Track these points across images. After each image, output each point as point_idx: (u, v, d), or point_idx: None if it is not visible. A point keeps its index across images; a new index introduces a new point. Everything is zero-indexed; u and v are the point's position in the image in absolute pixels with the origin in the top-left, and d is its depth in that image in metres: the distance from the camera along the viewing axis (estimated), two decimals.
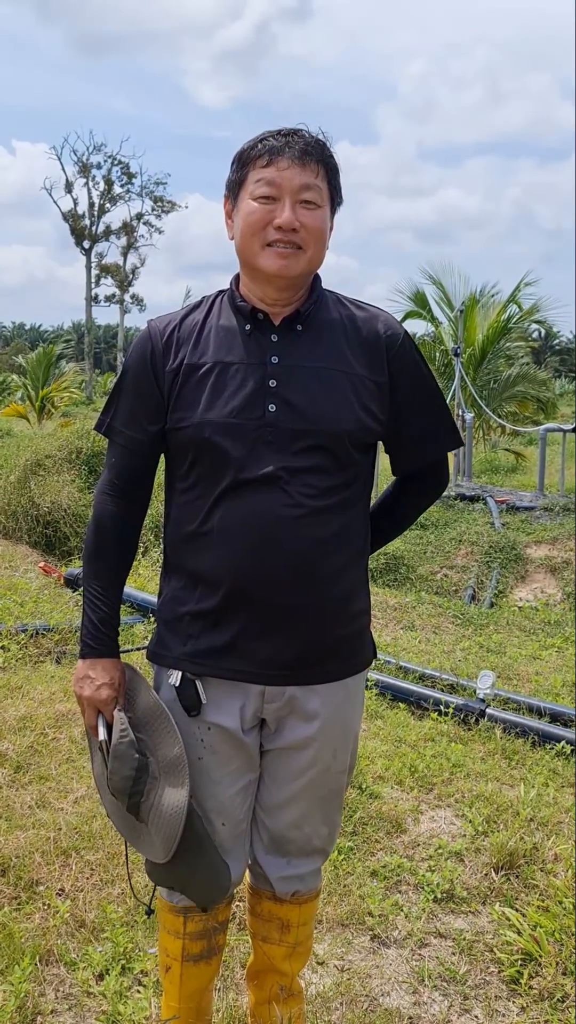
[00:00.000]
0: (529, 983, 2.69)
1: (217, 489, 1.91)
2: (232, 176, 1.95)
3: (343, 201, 1.99)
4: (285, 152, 1.87)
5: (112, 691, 2.01)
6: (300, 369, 1.93)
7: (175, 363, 1.94)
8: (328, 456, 1.93)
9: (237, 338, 1.94)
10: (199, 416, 1.89)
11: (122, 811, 2.06)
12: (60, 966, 2.70)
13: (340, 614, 2.00)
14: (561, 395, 33.30)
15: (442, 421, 2.13)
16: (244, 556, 1.90)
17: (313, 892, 2.21)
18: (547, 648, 6.51)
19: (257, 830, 2.13)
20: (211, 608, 1.94)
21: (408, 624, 6.90)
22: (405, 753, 4.24)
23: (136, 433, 1.99)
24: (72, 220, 47.89)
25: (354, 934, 2.92)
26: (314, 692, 2.00)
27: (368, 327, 2.02)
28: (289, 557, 1.90)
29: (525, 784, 3.97)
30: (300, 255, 1.89)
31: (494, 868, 3.28)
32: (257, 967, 2.27)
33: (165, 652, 2.02)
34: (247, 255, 1.92)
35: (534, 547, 9.52)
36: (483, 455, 19.08)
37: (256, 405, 1.89)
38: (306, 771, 2.05)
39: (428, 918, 3.02)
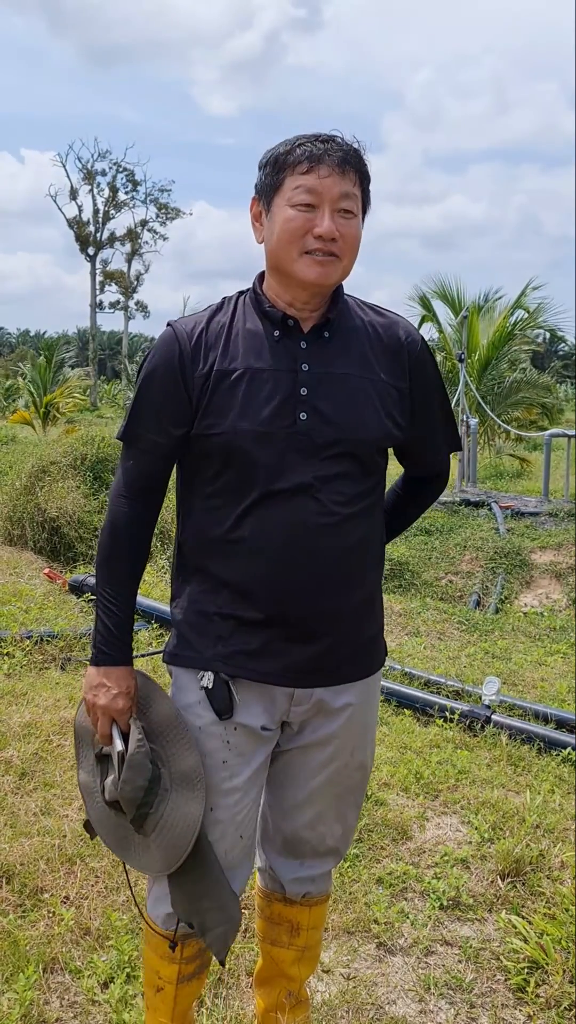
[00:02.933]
0: (536, 991, 2.68)
1: (248, 497, 1.90)
2: (266, 180, 1.92)
3: (371, 208, 1.98)
4: (325, 160, 1.85)
5: (128, 700, 1.98)
6: (330, 377, 1.93)
7: (205, 368, 1.91)
8: (356, 463, 1.94)
9: (266, 344, 1.93)
10: (232, 423, 1.87)
11: (114, 822, 2.03)
12: (65, 974, 2.69)
13: (366, 615, 2.05)
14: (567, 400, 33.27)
15: (451, 425, 2.18)
16: (279, 565, 1.90)
17: (324, 895, 2.21)
18: (552, 654, 6.49)
19: (269, 834, 2.14)
20: (242, 613, 1.94)
21: (413, 630, 6.89)
22: (411, 760, 4.23)
23: (159, 437, 1.95)
24: (77, 227, 48.01)
25: (360, 942, 2.91)
26: (340, 691, 2.02)
27: (389, 333, 2.03)
28: (323, 565, 1.92)
29: (531, 791, 3.96)
30: (337, 264, 1.89)
31: (500, 875, 3.27)
32: (265, 973, 2.27)
33: (192, 653, 2.00)
34: (282, 261, 1.90)
35: (539, 553, 9.50)
36: (488, 460, 19.07)
37: (287, 413, 1.89)
38: (324, 768, 2.06)
39: (434, 926, 3.01)
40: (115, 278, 50.01)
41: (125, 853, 2.05)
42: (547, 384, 21.99)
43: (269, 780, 2.12)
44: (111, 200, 48.56)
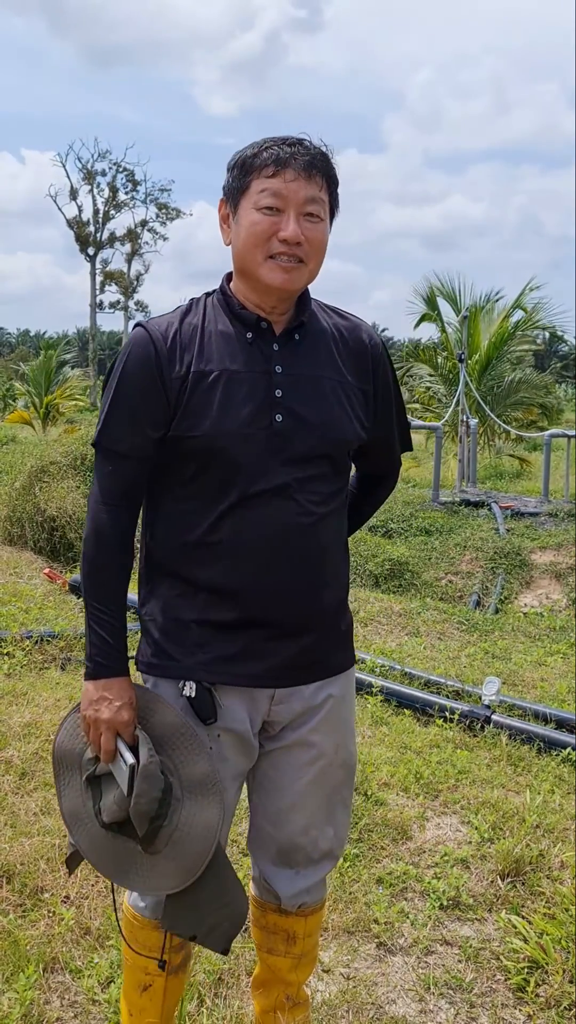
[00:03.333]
0: (536, 991, 2.68)
1: (226, 499, 1.89)
2: (233, 182, 1.92)
3: (339, 212, 1.99)
4: (291, 163, 1.85)
5: (132, 711, 1.93)
6: (303, 379, 1.94)
7: (182, 369, 1.89)
8: (330, 464, 1.96)
9: (240, 346, 1.93)
10: (212, 425, 1.87)
11: (112, 846, 1.96)
12: (65, 974, 2.69)
13: (340, 611, 2.08)
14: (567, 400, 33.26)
15: (405, 425, 2.22)
16: (259, 567, 1.91)
17: (319, 903, 2.19)
18: (552, 654, 6.50)
19: (263, 843, 2.11)
20: (222, 618, 1.93)
21: (413, 630, 6.89)
22: (410, 760, 4.23)
23: (139, 440, 1.92)
24: (77, 227, 48.02)
25: (360, 941, 2.91)
26: (319, 687, 2.03)
27: (354, 336, 2.06)
28: (302, 565, 1.94)
29: (531, 791, 3.96)
30: (302, 268, 1.89)
31: (500, 875, 3.27)
32: (263, 978, 2.26)
33: (171, 663, 1.98)
34: (248, 265, 1.91)
35: (539, 553, 9.50)
36: (488, 461, 19.08)
37: (264, 415, 1.89)
38: (310, 768, 2.05)
39: (434, 925, 3.01)
40: (115, 278, 50.02)
41: (125, 878, 1.99)
42: (547, 384, 22.02)
43: (256, 787, 2.10)
44: (111, 200, 48.58)
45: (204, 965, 2.71)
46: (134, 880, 1.98)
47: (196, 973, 2.67)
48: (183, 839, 1.90)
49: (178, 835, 1.90)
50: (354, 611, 7.06)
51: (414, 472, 17.25)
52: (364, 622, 6.95)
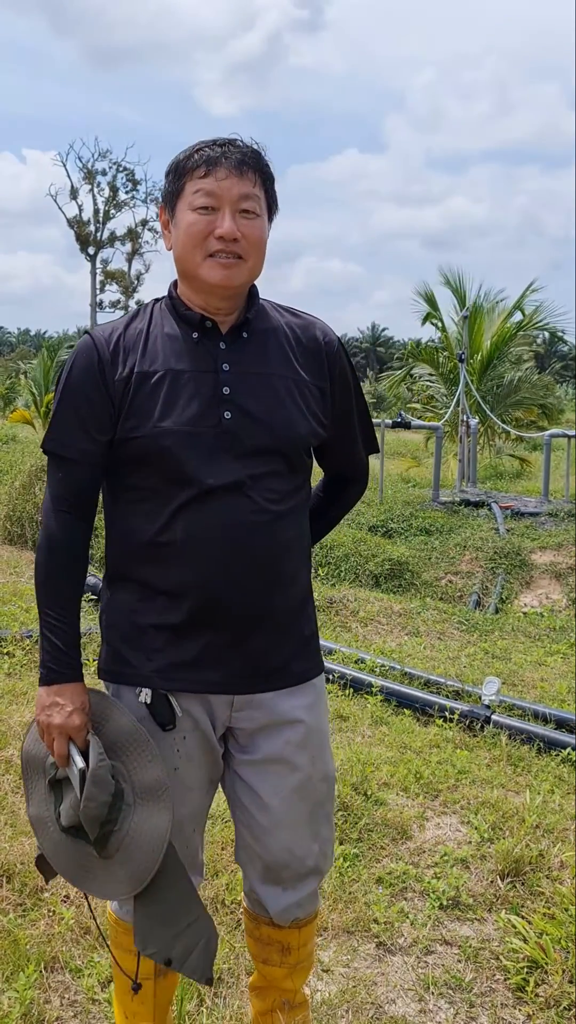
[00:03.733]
0: (535, 991, 2.68)
1: (178, 499, 1.88)
2: (168, 187, 1.94)
3: (279, 209, 2.00)
4: (223, 162, 1.86)
5: (84, 716, 1.93)
6: (251, 376, 1.94)
7: (124, 371, 1.90)
8: (284, 461, 1.95)
9: (186, 346, 1.93)
10: (155, 425, 1.87)
11: (71, 850, 1.97)
12: (65, 973, 2.70)
13: (301, 615, 2.04)
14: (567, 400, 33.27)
15: (369, 427, 2.21)
16: (215, 566, 1.89)
17: (312, 915, 2.17)
18: (552, 654, 6.50)
19: (251, 859, 2.09)
20: (177, 621, 1.92)
21: (413, 630, 6.90)
22: (410, 759, 4.24)
23: (87, 445, 1.91)
24: (77, 227, 48.01)
25: (359, 941, 2.91)
26: (285, 696, 2.01)
27: (307, 334, 2.05)
28: (259, 564, 1.92)
29: (531, 791, 3.96)
30: (242, 265, 1.90)
31: (500, 875, 3.28)
32: (260, 983, 2.24)
33: (128, 669, 1.97)
34: (188, 266, 1.91)
35: (539, 553, 9.51)
36: (488, 461, 19.09)
37: (212, 413, 1.89)
38: (289, 784, 2.02)
39: (434, 925, 3.01)
40: (115, 278, 49.98)
41: (85, 882, 1.99)
42: (547, 384, 22.02)
43: (237, 803, 2.08)
44: (111, 200, 48.54)
45: None
46: (91, 884, 1.98)
47: None
48: (133, 845, 1.90)
49: (128, 841, 1.90)
50: (354, 611, 7.07)
51: (414, 472, 17.26)
52: (364, 622, 6.95)
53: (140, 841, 1.90)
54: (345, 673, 5.35)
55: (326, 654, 5.78)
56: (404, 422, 13.44)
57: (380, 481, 12.32)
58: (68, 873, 2.02)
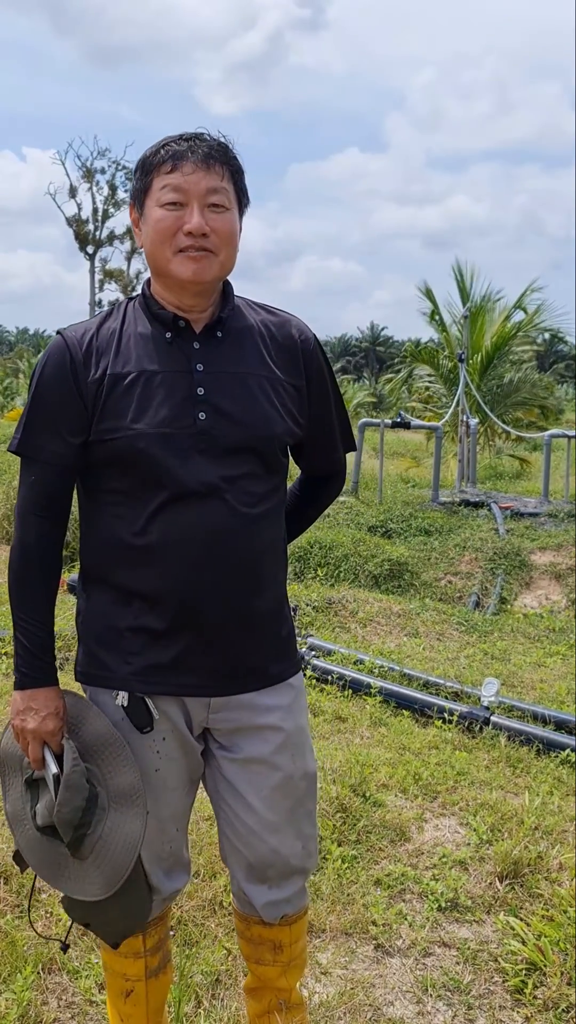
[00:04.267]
0: (533, 993, 2.68)
1: (154, 501, 1.87)
2: (136, 184, 1.93)
3: (250, 202, 1.99)
4: (189, 156, 1.85)
5: (58, 721, 1.93)
6: (226, 376, 1.93)
7: (97, 373, 1.88)
8: (260, 462, 1.94)
9: (159, 346, 1.92)
10: (129, 426, 1.85)
11: (46, 849, 1.97)
12: (63, 974, 2.69)
13: (277, 616, 2.04)
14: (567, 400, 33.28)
15: (346, 425, 2.20)
16: (190, 569, 1.88)
17: (302, 911, 2.17)
18: (552, 655, 6.49)
19: (235, 858, 2.09)
20: (153, 624, 1.91)
21: (412, 631, 6.89)
22: (409, 761, 4.23)
23: (59, 447, 1.90)
24: (76, 225, 47.99)
25: (358, 943, 2.91)
26: (262, 696, 2.00)
27: (283, 332, 2.04)
28: (235, 567, 1.91)
29: (530, 792, 3.96)
30: (212, 259, 1.88)
31: (498, 877, 3.27)
32: (254, 984, 2.24)
33: (104, 672, 1.97)
34: (159, 262, 1.90)
35: (539, 554, 9.50)
36: (487, 461, 19.08)
37: (186, 414, 1.88)
38: (269, 780, 2.02)
39: (432, 927, 3.01)
40: (114, 276, 49.95)
41: (58, 881, 2.00)
42: (547, 384, 22.02)
43: (219, 803, 2.08)
44: (110, 198, 48.52)
45: (201, 967, 2.71)
46: (65, 883, 1.99)
47: (194, 975, 2.66)
48: (106, 848, 1.91)
49: (101, 844, 1.91)
50: (353, 611, 7.07)
51: (414, 472, 17.26)
52: (363, 623, 6.95)
53: (113, 845, 1.91)
54: (344, 674, 5.35)
55: (324, 654, 5.78)
56: (404, 422, 13.43)
57: (380, 481, 12.31)
58: (42, 871, 2.02)
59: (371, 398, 34.38)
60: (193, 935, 2.87)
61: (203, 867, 3.19)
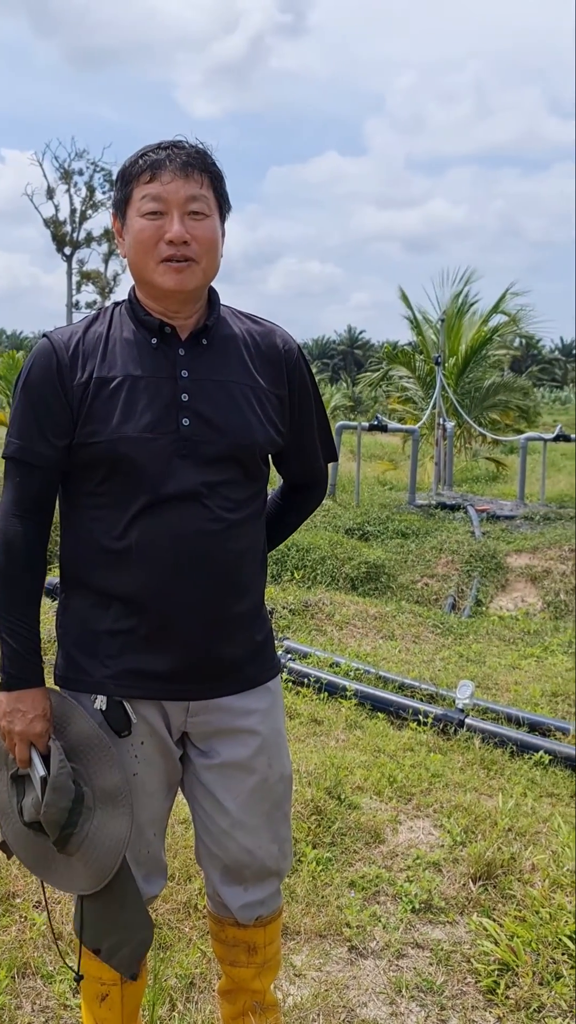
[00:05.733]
0: (506, 993, 2.70)
1: (134, 505, 1.88)
2: (117, 195, 1.94)
3: (231, 208, 2.00)
4: (167, 165, 1.87)
5: (45, 722, 1.94)
6: (210, 383, 1.94)
7: (83, 376, 1.89)
8: (240, 469, 1.96)
9: (144, 352, 1.93)
10: (113, 431, 1.86)
11: (32, 842, 1.99)
12: (37, 979, 2.69)
13: (256, 620, 2.05)
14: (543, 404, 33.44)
15: (327, 435, 2.22)
16: (169, 573, 1.89)
17: (276, 912, 2.18)
18: (527, 658, 6.54)
19: (211, 860, 2.10)
20: (132, 627, 1.92)
21: (388, 634, 6.91)
22: (384, 763, 4.25)
23: (45, 449, 1.91)
24: (53, 227, 47.82)
25: (332, 945, 2.92)
26: (240, 699, 2.02)
27: (267, 341, 2.06)
28: (213, 572, 1.92)
29: (503, 794, 3.99)
30: (195, 267, 1.90)
31: (472, 878, 3.29)
32: (228, 987, 2.25)
33: (83, 676, 1.97)
34: (142, 272, 1.91)
35: (515, 556, 9.55)
36: (464, 464, 19.14)
37: (170, 419, 1.89)
38: (245, 783, 2.04)
39: (406, 929, 3.03)
40: (92, 278, 49.79)
41: (46, 872, 2.01)
42: (524, 388, 22.13)
43: (196, 806, 2.09)
44: (88, 200, 48.38)
45: (176, 970, 2.71)
46: (53, 876, 2.01)
47: (168, 978, 2.67)
48: (92, 847, 1.92)
49: (88, 843, 1.92)
50: (329, 614, 7.08)
51: (391, 475, 17.29)
52: (339, 625, 6.97)
53: (100, 843, 1.92)
54: (320, 677, 5.36)
55: (300, 657, 5.79)
56: (381, 425, 13.47)
57: (356, 484, 12.34)
58: (29, 862, 2.05)
59: (348, 400, 34.41)
60: (167, 938, 2.88)
61: (178, 870, 3.19)
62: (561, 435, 13.94)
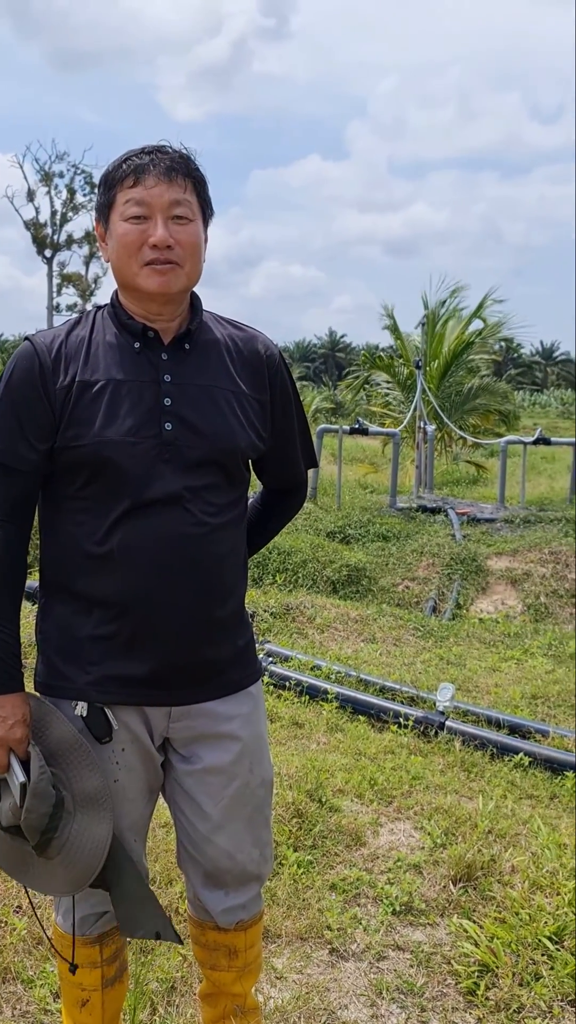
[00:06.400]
0: (486, 994, 2.71)
1: (117, 509, 1.88)
2: (100, 199, 1.95)
3: (214, 213, 2.01)
4: (151, 170, 1.88)
5: (26, 728, 1.92)
6: (193, 387, 1.95)
7: (66, 380, 1.89)
8: (223, 473, 1.96)
9: (127, 356, 1.93)
10: (96, 434, 1.86)
11: (9, 846, 1.98)
12: (17, 984, 2.68)
13: (238, 625, 2.06)
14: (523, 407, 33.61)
15: (307, 440, 2.24)
16: (151, 578, 1.89)
17: (257, 916, 2.19)
18: (507, 660, 6.57)
19: (193, 865, 2.11)
20: (114, 632, 1.92)
21: (369, 636, 6.93)
22: (365, 766, 4.26)
23: (26, 452, 1.89)
24: (34, 229, 47.69)
25: (313, 948, 2.93)
26: (222, 704, 2.02)
27: (249, 347, 2.07)
28: (196, 577, 1.93)
29: (483, 796, 4.00)
30: (178, 271, 1.91)
31: (452, 880, 3.31)
32: (209, 990, 2.25)
33: (64, 683, 1.96)
34: (125, 276, 1.92)
35: (495, 559, 9.60)
36: (445, 467, 19.21)
37: (152, 423, 1.89)
38: (226, 788, 2.04)
39: (386, 931, 3.03)
40: (73, 280, 49.70)
41: (24, 875, 2.00)
42: (504, 391, 22.23)
43: (177, 811, 2.09)
44: (69, 202, 48.30)
45: (157, 974, 2.71)
46: (31, 879, 2.00)
47: (149, 982, 2.67)
48: (73, 850, 1.92)
49: (69, 846, 1.91)
50: (310, 617, 7.09)
51: (372, 478, 17.32)
52: (321, 628, 6.98)
53: (81, 847, 1.92)
54: (301, 680, 5.37)
55: (281, 660, 5.80)
56: (362, 428, 13.51)
57: (338, 487, 12.36)
58: (6, 867, 2.03)
59: (329, 404, 34.44)
60: (148, 943, 2.87)
61: (159, 874, 3.19)
62: (541, 438, 14.02)
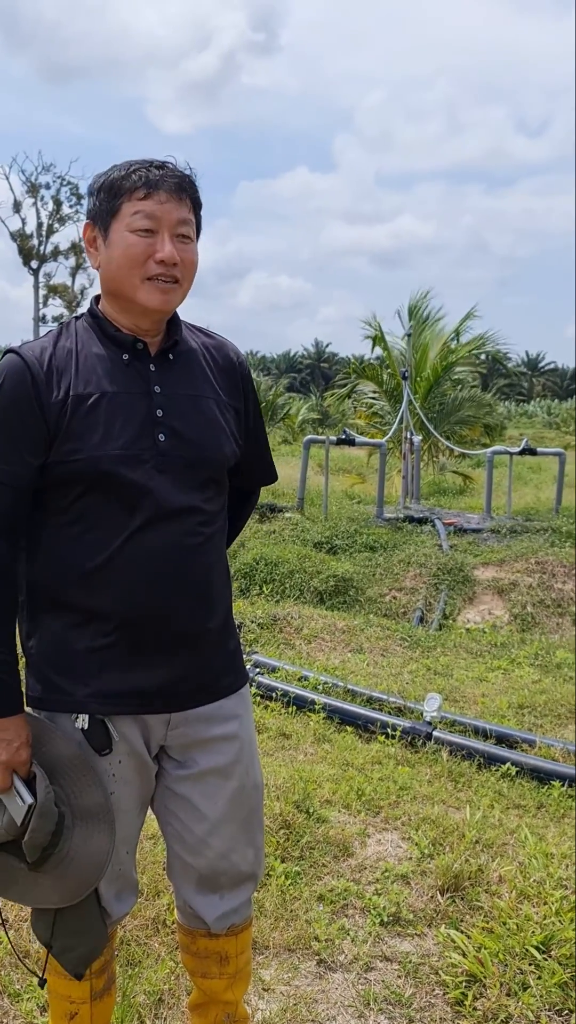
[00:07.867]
0: (473, 1004, 2.71)
1: (112, 522, 1.88)
2: (101, 205, 1.92)
3: (200, 235, 2.02)
4: (163, 185, 1.88)
5: (29, 749, 1.91)
6: (181, 398, 1.96)
7: (60, 393, 1.87)
8: (212, 482, 1.99)
9: (117, 367, 1.93)
10: (94, 448, 1.85)
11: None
12: (4, 998, 2.67)
13: (226, 631, 2.08)
14: (509, 418, 33.74)
15: (267, 445, 2.28)
16: (148, 589, 1.90)
17: (248, 921, 2.19)
18: (494, 670, 6.58)
19: (184, 872, 2.10)
20: (112, 644, 1.91)
21: (356, 647, 6.93)
22: (352, 776, 4.26)
23: (19, 468, 1.86)
24: (20, 240, 47.67)
25: (300, 959, 2.93)
26: (217, 708, 2.04)
27: (222, 354, 2.10)
28: (191, 586, 1.94)
29: (471, 806, 4.01)
30: (178, 289, 1.93)
31: (440, 890, 3.31)
32: (200, 1000, 2.25)
33: (62, 697, 1.94)
34: (124, 288, 1.91)
35: (482, 569, 9.61)
36: (431, 477, 19.24)
37: (147, 435, 1.90)
38: (224, 788, 2.05)
39: (374, 942, 3.03)
40: (59, 292, 49.66)
41: (6, 891, 1.98)
42: (490, 402, 22.33)
43: (171, 816, 2.08)
44: (55, 214, 48.31)
45: (145, 986, 2.70)
46: (14, 891, 1.98)
47: (137, 995, 2.66)
48: (70, 864, 1.91)
49: (66, 861, 1.91)
50: (298, 628, 7.09)
51: (359, 488, 17.33)
52: (308, 639, 6.98)
53: (79, 861, 1.92)
54: (288, 691, 5.37)
55: (269, 671, 5.80)
56: (348, 439, 13.52)
57: (324, 497, 12.37)
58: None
59: (315, 414, 34.48)
60: (136, 955, 2.86)
61: (146, 886, 3.18)
62: (527, 449, 14.04)
